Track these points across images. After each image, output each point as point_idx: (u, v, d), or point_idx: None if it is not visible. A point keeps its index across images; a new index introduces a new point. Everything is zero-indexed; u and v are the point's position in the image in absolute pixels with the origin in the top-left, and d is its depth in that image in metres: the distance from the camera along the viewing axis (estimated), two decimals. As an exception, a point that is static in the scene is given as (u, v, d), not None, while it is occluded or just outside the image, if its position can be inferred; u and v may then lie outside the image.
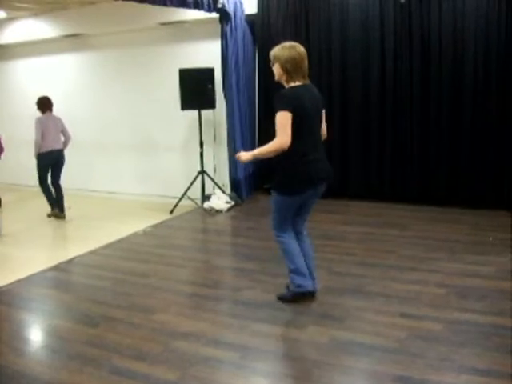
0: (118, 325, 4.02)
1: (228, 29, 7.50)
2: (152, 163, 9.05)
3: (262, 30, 7.88)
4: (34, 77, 10.11)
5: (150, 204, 8.54)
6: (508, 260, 5.02)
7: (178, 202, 7.87)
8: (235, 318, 4.06)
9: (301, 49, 3.98)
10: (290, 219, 4.21)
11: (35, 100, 7.54)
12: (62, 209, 7.70)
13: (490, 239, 5.72)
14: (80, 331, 3.94)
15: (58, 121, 7.56)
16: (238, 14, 7.65)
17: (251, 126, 8.24)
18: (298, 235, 4.34)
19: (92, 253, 5.89)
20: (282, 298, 4.32)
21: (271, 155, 3.91)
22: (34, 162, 7.50)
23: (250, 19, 7.91)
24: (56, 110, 7.61)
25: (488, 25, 6.55)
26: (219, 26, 7.57)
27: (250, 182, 8.22)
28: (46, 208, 7.70)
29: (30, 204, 8.76)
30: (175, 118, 8.44)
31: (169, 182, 8.73)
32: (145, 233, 6.68)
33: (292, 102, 3.84)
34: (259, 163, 7.12)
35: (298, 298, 4.25)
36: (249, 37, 8.02)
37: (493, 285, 4.46)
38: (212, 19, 7.62)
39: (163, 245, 6.20)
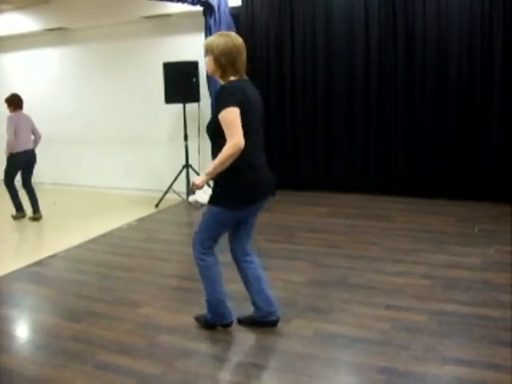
0: (102, 319, 4.00)
1: (212, 22, 7.46)
2: (137, 157, 8.99)
3: (246, 23, 7.84)
4: (16, 71, 10.00)
5: (135, 198, 8.51)
6: (492, 251, 5.06)
7: (164, 195, 7.86)
8: (220, 312, 4.04)
9: (238, 40, 3.46)
10: (219, 237, 3.61)
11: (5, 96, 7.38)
12: (37, 209, 7.46)
13: (476, 230, 5.76)
14: (64, 326, 3.92)
15: (28, 119, 7.41)
16: (222, 6, 7.60)
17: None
18: (244, 257, 3.70)
19: (76, 247, 5.86)
20: (198, 320, 3.83)
21: (228, 163, 3.33)
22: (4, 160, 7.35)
23: (234, 12, 7.85)
24: (39, 104, 7.55)
25: (472, 17, 6.58)
26: (203, 18, 7.54)
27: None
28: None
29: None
30: (160, 111, 8.40)
31: (154, 176, 8.70)
32: (130, 227, 6.65)
33: (238, 96, 3.27)
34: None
35: (210, 326, 3.76)
36: (233, 30, 7.94)
37: (477, 276, 4.49)
38: (196, 12, 7.59)
39: (148, 239, 6.18)
